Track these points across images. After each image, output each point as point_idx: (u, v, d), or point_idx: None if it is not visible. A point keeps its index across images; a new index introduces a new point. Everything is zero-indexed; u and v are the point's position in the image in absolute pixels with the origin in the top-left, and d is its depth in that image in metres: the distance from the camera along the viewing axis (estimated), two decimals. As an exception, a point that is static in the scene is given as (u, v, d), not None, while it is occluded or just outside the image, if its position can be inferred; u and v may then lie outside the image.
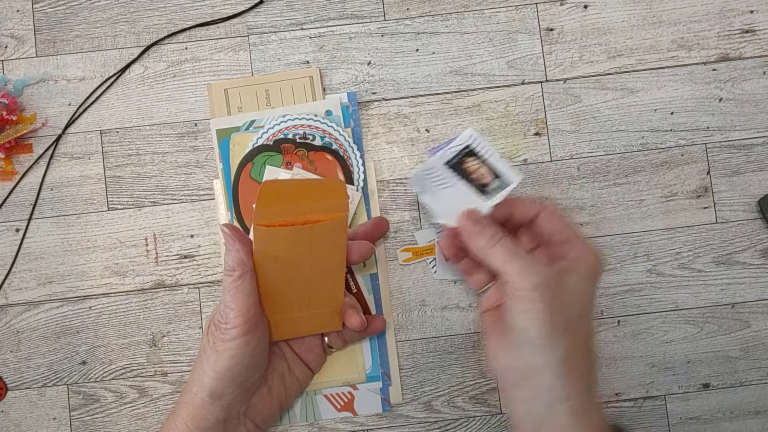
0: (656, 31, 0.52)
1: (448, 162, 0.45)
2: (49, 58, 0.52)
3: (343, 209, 0.41)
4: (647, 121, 0.51)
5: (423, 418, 0.50)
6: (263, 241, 0.40)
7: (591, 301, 0.40)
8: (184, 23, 0.52)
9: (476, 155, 0.45)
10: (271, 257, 0.41)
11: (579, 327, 0.39)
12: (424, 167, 0.45)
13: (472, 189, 0.45)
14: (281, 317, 0.44)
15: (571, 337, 0.37)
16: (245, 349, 0.40)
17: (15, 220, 0.51)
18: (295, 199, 0.39)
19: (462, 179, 0.45)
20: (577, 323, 0.38)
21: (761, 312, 0.51)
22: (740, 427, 0.50)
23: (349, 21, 0.52)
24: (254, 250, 0.40)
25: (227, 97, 0.51)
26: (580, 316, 0.39)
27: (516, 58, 0.52)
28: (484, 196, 0.44)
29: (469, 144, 0.46)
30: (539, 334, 0.37)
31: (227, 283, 0.40)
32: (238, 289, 0.40)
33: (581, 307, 0.39)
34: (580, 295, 0.39)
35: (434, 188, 0.45)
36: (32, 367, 0.50)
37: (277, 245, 0.40)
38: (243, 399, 0.43)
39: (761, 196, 0.51)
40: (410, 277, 0.50)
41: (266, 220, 0.39)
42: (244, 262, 0.40)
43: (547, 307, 0.37)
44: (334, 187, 0.40)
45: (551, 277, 0.37)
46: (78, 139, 0.51)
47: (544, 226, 0.42)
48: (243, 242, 0.40)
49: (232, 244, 0.40)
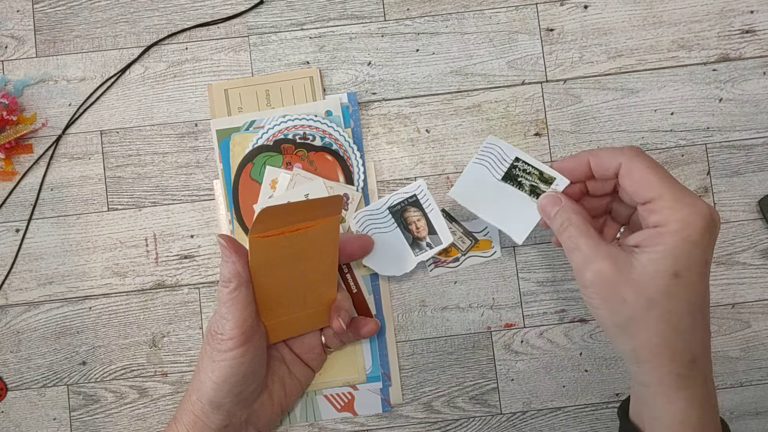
0: (656, 31, 0.52)
1: (391, 207, 0.48)
2: (49, 59, 0.52)
3: (336, 212, 0.41)
4: (647, 122, 0.51)
5: (423, 419, 0.50)
6: (259, 251, 0.40)
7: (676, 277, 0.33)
8: (185, 23, 0.52)
9: (419, 207, 0.48)
10: (267, 265, 0.41)
11: (653, 313, 0.34)
12: (368, 208, 0.48)
13: (405, 239, 0.47)
14: (277, 321, 0.44)
15: (642, 325, 0.34)
16: (242, 360, 0.40)
17: (15, 221, 0.51)
18: (291, 214, 0.39)
19: (398, 227, 0.47)
20: (652, 308, 0.34)
21: (761, 312, 0.50)
22: (740, 427, 0.50)
23: (349, 21, 0.52)
24: (250, 260, 0.40)
25: (227, 98, 0.51)
26: (653, 300, 0.34)
27: (516, 59, 0.52)
28: (415, 249, 0.47)
29: (416, 194, 0.48)
30: (604, 328, 0.36)
31: (223, 295, 0.40)
32: (234, 301, 0.40)
33: (656, 288, 0.34)
34: (653, 277, 0.34)
35: (372, 230, 0.48)
36: (32, 367, 0.50)
37: (272, 253, 0.40)
38: (244, 407, 0.43)
39: (761, 196, 0.51)
40: (410, 277, 0.50)
41: (261, 232, 0.39)
42: (240, 274, 0.40)
43: (604, 303, 0.35)
44: (330, 201, 0.40)
45: (609, 268, 0.34)
46: (78, 139, 0.51)
47: (624, 182, 0.36)
48: (239, 253, 0.40)
49: (228, 255, 0.40)
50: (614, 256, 0.35)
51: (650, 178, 0.35)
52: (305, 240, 0.40)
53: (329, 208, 0.40)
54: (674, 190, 0.34)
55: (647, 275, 0.34)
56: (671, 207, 0.34)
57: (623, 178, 0.36)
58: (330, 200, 0.40)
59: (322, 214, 0.40)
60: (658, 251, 0.34)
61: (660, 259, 0.34)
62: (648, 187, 0.35)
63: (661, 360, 0.35)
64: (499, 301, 0.50)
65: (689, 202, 0.34)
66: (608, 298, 0.35)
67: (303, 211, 0.39)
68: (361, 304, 0.49)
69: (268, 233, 0.39)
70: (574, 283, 0.50)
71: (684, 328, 0.34)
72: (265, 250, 0.40)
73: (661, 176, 0.35)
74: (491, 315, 0.50)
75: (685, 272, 0.34)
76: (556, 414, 0.50)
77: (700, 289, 0.34)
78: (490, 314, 0.50)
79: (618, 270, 0.34)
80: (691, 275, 0.34)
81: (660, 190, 0.34)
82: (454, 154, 0.51)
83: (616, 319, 0.35)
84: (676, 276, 0.33)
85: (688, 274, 0.34)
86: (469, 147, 0.51)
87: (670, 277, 0.34)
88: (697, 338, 0.35)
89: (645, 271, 0.34)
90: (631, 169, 0.36)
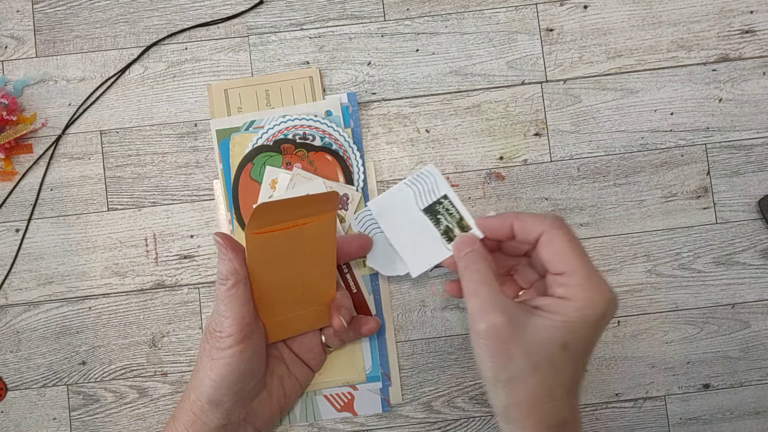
0: (656, 31, 0.52)
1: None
2: (49, 59, 0.52)
3: (332, 209, 0.41)
4: (647, 122, 0.51)
5: (423, 419, 0.50)
6: (255, 248, 0.40)
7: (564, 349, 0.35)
8: (184, 23, 0.52)
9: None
10: (264, 263, 0.41)
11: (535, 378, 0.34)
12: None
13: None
14: (276, 319, 0.44)
15: (521, 386, 0.35)
16: (241, 357, 0.40)
17: (15, 221, 0.51)
18: (287, 210, 0.39)
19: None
20: (535, 373, 0.34)
21: (761, 312, 0.50)
22: (740, 427, 0.50)
23: (349, 21, 0.52)
24: (247, 257, 0.40)
25: (227, 98, 0.51)
26: (538, 365, 0.34)
27: (516, 59, 0.52)
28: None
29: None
30: (484, 376, 0.36)
31: (221, 292, 0.40)
32: (232, 298, 0.40)
33: (544, 355, 0.34)
34: (544, 343, 0.34)
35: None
36: (32, 367, 0.50)
37: (269, 251, 0.40)
38: (242, 405, 0.43)
39: (761, 196, 0.51)
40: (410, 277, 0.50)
41: (257, 228, 0.39)
42: (237, 271, 0.40)
43: (491, 356, 0.35)
44: (325, 197, 0.40)
45: (503, 323, 0.34)
46: (78, 139, 0.51)
47: (542, 250, 0.37)
48: (236, 251, 0.40)
49: (224, 253, 0.40)
50: (511, 312, 0.35)
51: (567, 252, 0.36)
52: (302, 237, 0.40)
53: (326, 204, 0.40)
54: (587, 269, 0.35)
55: (538, 340, 0.35)
56: (580, 285, 0.35)
57: (542, 246, 0.37)
58: (326, 196, 0.40)
59: (319, 211, 0.40)
60: (555, 320, 0.35)
61: (555, 328, 0.35)
62: (563, 261, 0.36)
63: (531, 421, 0.35)
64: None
65: (597, 284, 0.35)
66: (496, 353, 0.35)
67: (299, 208, 0.39)
68: (361, 304, 0.49)
69: (265, 230, 0.39)
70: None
71: (559, 396, 0.35)
72: (262, 247, 0.40)
73: (577, 253, 0.36)
74: (491, 315, 0.50)
75: (573, 346, 0.35)
76: (556, 414, 0.50)
77: (582, 364, 0.36)
78: (489, 314, 0.50)
79: (511, 327, 0.35)
80: (578, 350, 0.35)
81: (574, 266, 0.35)
82: (453, 154, 0.51)
83: (499, 374, 0.35)
84: (565, 348, 0.35)
85: (576, 348, 0.35)
86: (469, 147, 0.51)
87: (559, 347, 0.35)
88: (570, 404, 0.36)
89: (537, 336, 0.35)
90: (552, 240, 0.36)
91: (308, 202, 0.39)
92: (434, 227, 0.44)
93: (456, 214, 0.44)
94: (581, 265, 0.35)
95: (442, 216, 0.44)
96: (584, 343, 0.35)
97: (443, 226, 0.44)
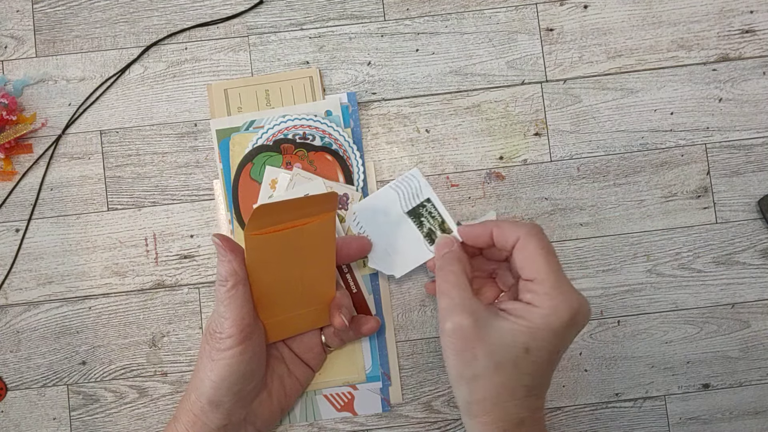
0: (656, 31, 0.52)
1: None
2: (49, 59, 0.52)
3: (332, 209, 0.41)
4: (647, 122, 0.51)
5: (423, 418, 0.50)
6: (255, 248, 0.40)
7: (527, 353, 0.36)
8: (184, 23, 0.52)
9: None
10: (264, 263, 0.41)
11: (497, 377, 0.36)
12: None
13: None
14: (276, 319, 0.44)
15: (483, 384, 0.36)
16: (241, 358, 0.40)
17: (15, 220, 0.51)
18: (286, 211, 0.39)
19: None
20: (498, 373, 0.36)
21: (761, 312, 0.51)
22: (740, 427, 0.50)
23: (349, 21, 0.52)
24: (246, 258, 0.40)
25: (227, 98, 0.51)
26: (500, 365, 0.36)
27: (516, 59, 0.52)
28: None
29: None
30: (449, 373, 0.38)
31: (221, 294, 0.40)
32: (231, 299, 0.40)
33: (507, 356, 0.36)
34: (508, 346, 0.36)
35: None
36: (32, 367, 0.50)
37: (268, 251, 0.40)
38: (243, 405, 0.43)
39: (761, 196, 0.51)
40: (410, 277, 0.50)
41: (256, 229, 0.39)
42: (236, 272, 0.40)
43: (456, 354, 0.36)
44: (325, 198, 0.40)
45: (469, 324, 0.36)
46: (78, 139, 0.51)
47: (516, 256, 0.38)
48: (235, 252, 0.40)
49: (224, 254, 0.40)
50: (477, 313, 0.37)
51: (539, 259, 0.37)
52: (302, 237, 0.40)
53: (325, 204, 0.40)
54: (556, 277, 0.36)
55: (502, 342, 0.36)
56: (547, 293, 0.36)
57: (516, 252, 0.38)
58: (325, 197, 0.40)
59: (318, 211, 0.40)
60: (520, 324, 0.36)
61: (518, 331, 0.36)
62: (534, 267, 0.37)
63: (491, 417, 0.36)
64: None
65: (564, 293, 0.36)
66: (461, 352, 0.36)
67: (299, 209, 0.39)
68: (361, 303, 0.49)
69: (264, 230, 0.39)
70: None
71: (520, 395, 0.36)
72: (262, 247, 0.40)
73: (548, 261, 0.37)
74: (491, 315, 0.50)
75: (536, 351, 0.36)
76: (556, 414, 0.50)
77: (545, 368, 0.37)
78: (489, 314, 0.50)
79: (476, 328, 0.36)
80: (541, 355, 0.36)
81: (543, 274, 0.37)
82: (453, 153, 0.51)
83: (463, 372, 0.37)
84: (527, 351, 0.36)
85: (538, 353, 0.36)
86: (469, 147, 0.51)
87: (521, 350, 0.36)
88: (530, 404, 0.37)
89: (501, 338, 0.36)
90: (525, 246, 0.38)
91: (308, 203, 0.39)
92: (417, 229, 0.46)
93: (438, 216, 0.46)
94: (550, 273, 0.37)
95: (425, 219, 0.46)
96: (547, 350, 0.36)
97: (426, 229, 0.46)
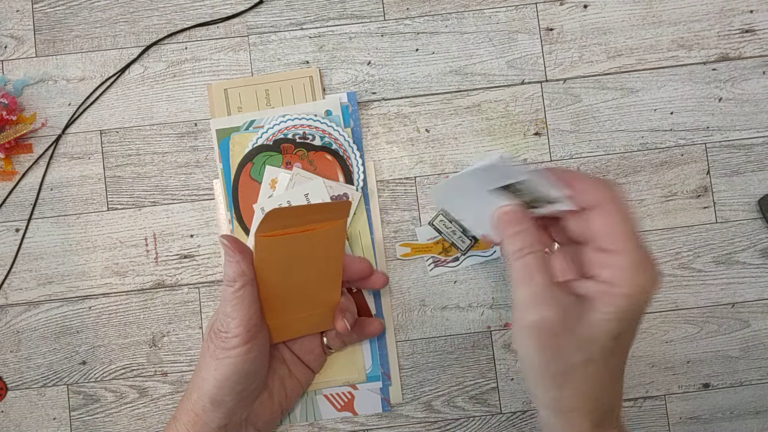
0: (656, 30, 0.52)
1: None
2: (48, 58, 0.52)
3: (343, 216, 0.41)
4: (647, 121, 0.51)
5: (423, 418, 0.50)
6: (264, 249, 0.40)
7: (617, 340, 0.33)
8: (184, 23, 0.52)
9: None
10: (272, 265, 0.41)
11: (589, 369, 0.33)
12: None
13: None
14: (281, 320, 0.44)
15: (573, 379, 0.33)
16: (246, 357, 0.40)
17: (15, 220, 0.51)
18: (298, 216, 0.40)
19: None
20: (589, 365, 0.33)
21: (761, 312, 0.50)
22: (740, 427, 0.50)
23: (348, 21, 0.52)
24: (255, 258, 0.40)
25: (227, 97, 0.51)
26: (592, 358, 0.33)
27: (516, 58, 0.52)
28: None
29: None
30: (526, 372, 0.35)
31: (228, 294, 0.40)
32: (239, 300, 0.40)
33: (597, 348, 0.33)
34: (598, 338, 0.32)
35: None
36: (32, 367, 0.50)
37: (277, 253, 0.40)
38: (244, 405, 0.43)
39: (761, 196, 0.51)
40: (410, 277, 0.50)
41: (267, 231, 0.39)
42: (245, 273, 0.40)
43: (539, 350, 0.33)
44: (337, 206, 0.40)
45: (557, 318, 0.32)
46: (78, 139, 0.51)
47: (595, 221, 0.33)
48: (243, 253, 0.40)
49: (232, 255, 0.40)
50: (565, 306, 0.33)
51: (621, 230, 0.32)
52: (311, 242, 0.40)
53: (336, 212, 0.41)
54: (637, 250, 0.32)
55: (593, 335, 0.32)
56: (629, 269, 0.32)
57: (597, 216, 0.33)
58: (338, 205, 0.40)
59: (330, 218, 0.40)
60: (609, 313, 0.32)
61: (609, 321, 0.32)
62: (615, 239, 0.32)
63: (582, 411, 0.34)
64: (499, 300, 0.50)
65: (647, 268, 0.32)
66: (546, 347, 0.33)
67: (310, 214, 0.40)
68: (361, 304, 0.49)
69: (274, 233, 0.39)
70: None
71: (610, 383, 0.34)
72: (271, 249, 0.40)
73: (631, 232, 0.32)
74: (491, 314, 0.50)
75: (624, 335, 0.33)
76: (556, 413, 0.50)
77: (629, 349, 0.35)
78: (489, 314, 0.50)
79: (565, 322, 0.32)
80: (629, 337, 0.34)
81: (624, 246, 0.32)
82: (453, 153, 0.51)
83: (549, 367, 0.33)
84: (617, 338, 0.33)
85: (627, 336, 0.34)
86: (469, 146, 0.51)
87: (612, 339, 0.33)
88: (617, 390, 0.35)
89: (592, 331, 0.32)
90: (609, 213, 0.33)
91: (320, 210, 0.40)
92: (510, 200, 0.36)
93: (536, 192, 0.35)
94: (632, 245, 0.32)
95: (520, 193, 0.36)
96: (634, 328, 0.34)
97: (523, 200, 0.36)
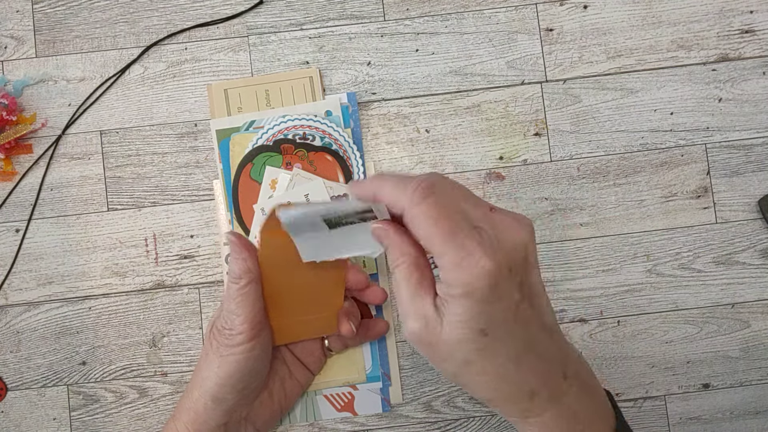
0: (656, 31, 0.52)
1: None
2: (48, 59, 0.52)
3: None
4: (647, 122, 0.51)
5: (423, 418, 0.50)
6: (269, 246, 0.40)
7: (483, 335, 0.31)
8: (184, 23, 0.52)
9: None
10: (276, 262, 0.41)
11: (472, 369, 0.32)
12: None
13: None
14: (284, 321, 0.44)
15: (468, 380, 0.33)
16: (250, 355, 0.40)
17: (15, 221, 0.51)
18: None
19: None
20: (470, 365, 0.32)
21: (761, 312, 0.51)
22: (740, 427, 0.50)
23: (348, 21, 0.52)
24: (260, 255, 0.40)
25: (227, 98, 0.51)
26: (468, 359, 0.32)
27: (516, 59, 0.52)
28: None
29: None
30: None
31: (233, 291, 0.40)
32: (244, 297, 0.40)
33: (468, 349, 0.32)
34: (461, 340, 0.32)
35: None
36: (32, 367, 0.50)
37: (282, 251, 0.40)
38: (244, 404, 0.43)
39: (761, 196, 0.51)
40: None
41: (273, 228, 0.39)
42: (250, 270, 0.40)
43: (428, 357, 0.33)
44: None
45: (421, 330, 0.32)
46: (78, 139, 0.51)
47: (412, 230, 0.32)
48: (249, 250, 0.40)
49: (238, 252, 0.40)
50: (425, 316, 0.32)
51: (433, 232, 0.31)
52: None
53: None
54: (456, 248, 0.30)
55: (455, 339, 0.32)
56: (452, 270, 0.30)
57: (409, 225, 0.32)
58: None
59: None
60: (457, 314, 0.31)
61: (460, 322, 0.31)
62: (430, 242, 0.31)
63: (498, 402, 0.33)
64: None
65: (470, 263, 0.30)
66: (428, 354, 0.33)
67: None
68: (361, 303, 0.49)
69: (280, 230, 0.39)
70: (575, 282, 0.51)
71: (508, 373, 0.32)
72: (276, 247, 0.40)
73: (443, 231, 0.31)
74: (491, 315, 0.50)
75: (490, 329, 0.31)
76: (556, 414, 0.50)
77: (515, 339, 0.32)
78: (489, 314, 0.50)
79: (429, 332, 0.32)
80: (498, 331, 0.31)
81: (441, 248, 0.31)
82: (453, 154, 0.51)
83: (442, 370, 0.34)
84: (484, 334, 0.31)
85: (495, 330, 0.31)
86: (469, 147, 0.51)
87: (478, 337, 0.31)
88: (530, 375, 0.33)
89: (452, 335, 0.32)
90: (414, 217, 0.32)
91: None
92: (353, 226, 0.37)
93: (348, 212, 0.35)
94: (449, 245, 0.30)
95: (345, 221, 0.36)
96: (499, 321, 0.31)
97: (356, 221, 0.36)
